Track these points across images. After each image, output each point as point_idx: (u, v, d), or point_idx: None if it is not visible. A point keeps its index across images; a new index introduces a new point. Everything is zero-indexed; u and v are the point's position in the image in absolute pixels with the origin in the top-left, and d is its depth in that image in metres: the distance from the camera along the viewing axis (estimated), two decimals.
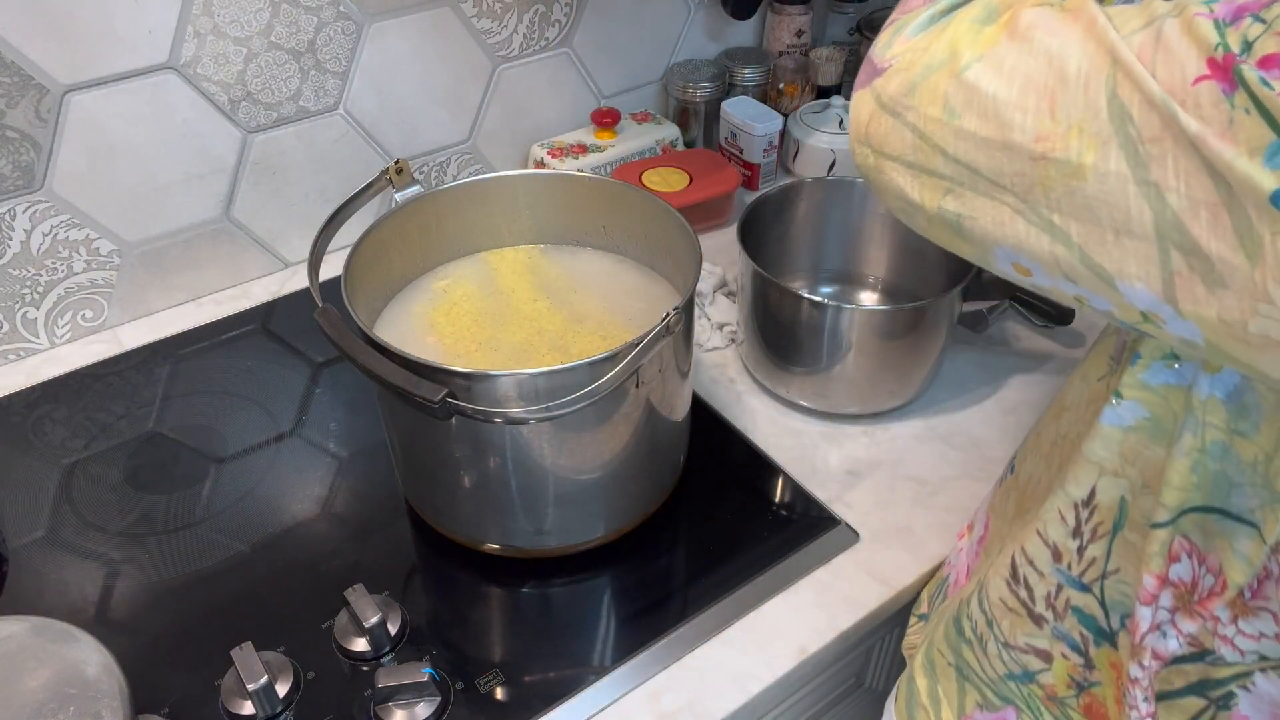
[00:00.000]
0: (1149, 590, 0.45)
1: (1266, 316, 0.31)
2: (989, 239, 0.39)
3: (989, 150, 0.37)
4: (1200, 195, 0.31)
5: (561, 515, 0.70)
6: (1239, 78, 0.30)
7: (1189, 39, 0.31)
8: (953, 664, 0.59)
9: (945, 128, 0.38)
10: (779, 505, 0.78)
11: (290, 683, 0.64)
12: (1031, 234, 0.37)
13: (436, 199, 0.76)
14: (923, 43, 0.39)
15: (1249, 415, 0.40)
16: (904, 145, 0.40)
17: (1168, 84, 0.31)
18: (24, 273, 0.87)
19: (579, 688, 0.65)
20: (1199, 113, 0.31)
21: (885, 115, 0.40)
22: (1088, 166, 0.34)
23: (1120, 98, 0.33)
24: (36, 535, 0.75)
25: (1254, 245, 0.30)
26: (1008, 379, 0.89)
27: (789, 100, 1.19)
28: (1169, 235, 0.32)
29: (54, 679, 0.55)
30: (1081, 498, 0.48)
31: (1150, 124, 0.32)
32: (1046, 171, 0.35)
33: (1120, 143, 0.33)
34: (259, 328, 0.95)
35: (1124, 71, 0.33)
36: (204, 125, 0.89)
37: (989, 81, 0.36)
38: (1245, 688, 0.44)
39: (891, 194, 0.42)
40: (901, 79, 0.40)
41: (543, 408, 0.60)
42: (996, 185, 0.37)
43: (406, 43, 0.96)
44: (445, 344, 0.73)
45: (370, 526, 0.76)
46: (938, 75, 0.38)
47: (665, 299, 0.77)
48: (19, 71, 0.78)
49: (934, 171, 0.39)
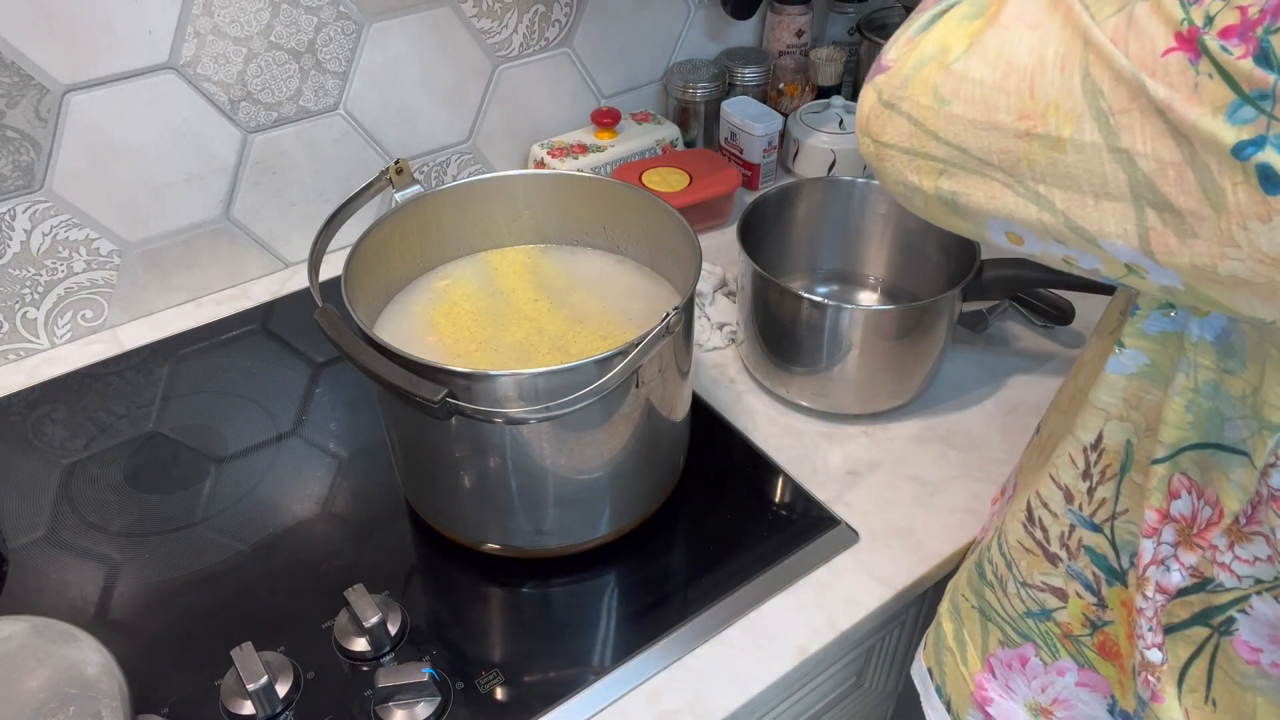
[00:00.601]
0: (1150, 524, 0.48)
1: (1234, 259, 0.35)
2: (983, 213, 0.42)
3: (977, 131, 0.40)
4: (1167, 156, 0.35)
5: (561, 515, 0.70)
6: (1202, 47, 0.33)
7: (1158, 17, 0.35)
8: (976, 606, 0.62)
9: (937, 114, 0.41)
10: (779, 505, 0.78)
11: (290, 683, 0.64)
12: (1020, 204, 0.40)
13: (436, 199, 0.76)
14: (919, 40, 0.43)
15: (1235, 354, 0.44)
16: (900, 134, 0.43)
17: (1139, 58, 0.35)
18: (24, 273, 0.87)
19: (579, 688, 0.65)
20: (1168, 81, 0.34)
21: (883, 108, 0.44)
22: (1066, 139, 0.37)
23: (1092, 76, 0.36)
24: (36, 535, 0.75)
25: (1218, 196, 0.34)
26: (1008, 379, 0.89)
27: (789, 100, 1.19)
28: (1142, 195, 0.36)
29: (54, 679, 0.55)
30: (1090, 442, 0.51)
31: (1119, 97, 0.36)
32: (1030, 147, 0.39)
33: (1093, 116, 0.36)
34: (259, 328, 0.95)
35: (1095, 52, 0.36)
36: (204, 125, 0.89)
37: (975, 69, 0.40)
38: (1244, 611, 0.47)
39: (892, 179, 0.45)
40: (896, 73, 0.43)
41: (543, 408, 0.60)
42: (986, 163, 0.40)
43: (406, 43, 0.96)
44: (445, 344, 0.73)
45: (370, 526, 0.76)
46: (928, 68, 0.42)
47: (665, 299, 0.77)
48: (19, 71, 0.78)
49: (929, 155, 0.43)
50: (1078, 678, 0.57)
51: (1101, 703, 0.57)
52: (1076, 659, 0.57)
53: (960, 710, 0.64)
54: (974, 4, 0.42)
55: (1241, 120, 0.33)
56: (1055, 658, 0.58)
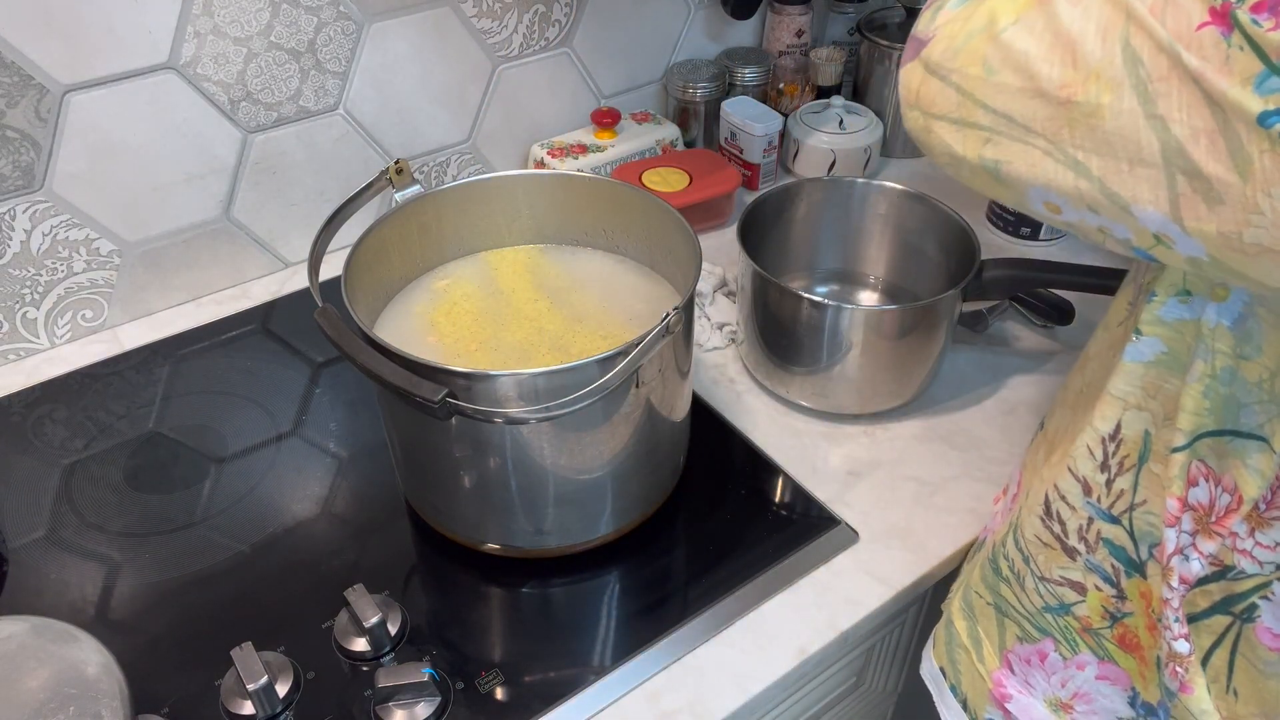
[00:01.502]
0: (1172, 513, 0.49)
1: (1258, 226, 0.36)
2: (1024, 181, 0.43)
3: (1022, 99, 0.42)
4: (1200, 124, 0.36)
5: (561, 515, 0.70)
6: (1234, 21, 0.35)
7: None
8: (991, 603, 0.62)
9: (985, 84, 0.43)
10: (779, 505, 0.78)
11: (290, 683, 0.64)
12: (1059, 171, 0.42)
13: (436, 199, 0.76)
14: (964, 13, 0.44)
15: (1252, 339, 0.45)
16: (949, 104, 0.45)
17: (1175, 31, 0.37)
18: (24, 273, 0.87)
19: (579, 688, 0.65)
20: (1201, 53, 0.36)
21: (933, 79, 0.45)
22: (1105, 106, 0.39)
23: (1133, 45, 0.38)
24: (36, 535, 0.75)
25: (1245, 163, 0.35)
26: (1008, 379, 0.89)
27: (789, 100, 1.19)
28: (1174, 161, 0.37)
29: (54, 679, 0.55)
30: (1108, 432, 0.52)
31: (1159, 65, 0.37)
32: (1071, 114, 0.40)
33: (1132, 84, 0.38)
34: (259, 328, 0.95)
35: (1136, 24, 0.38)
36: (204, 125, 0.89)
37: (1022, 40, 0.41)
38: (1266, 598, 0.47)
39: (939, 150, 0.47)
40: (946, 44, 0.45)
41: (543, 408, 0.60)
42: (1029, 130, 0.42)
43: (406, 43, 0.96)
44: (445, 344, 0.73)
45: (370, 526, 0.76)
46: (978, 39, 0.43)
47: (665, 299, 0.77)
48: (19, 71, 0.78)
49: (976, 124, 0.44)
50: (1098, 671, 0.57)
51: (1122, 696, 0.57)
52: (1096, 652, 0.57)
53: (978, 708, 0.64)
54: None
55: (1269, 90, 0.34)
56: (1075, 652, 0.58)
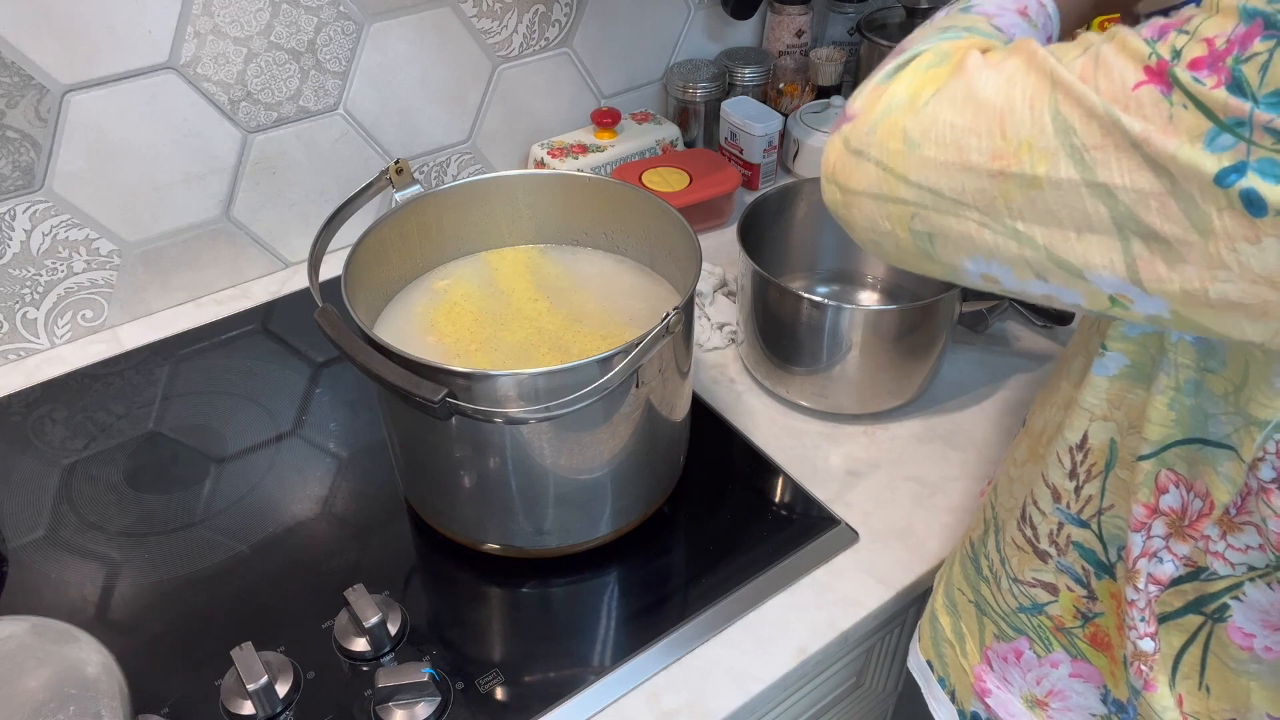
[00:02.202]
0: (1138, 518, 0.49)
1: (1225, 282, 0.35)
2: (959, 253, 0.43)
3: (949, 173, 0.41)
4: (1147, 187, 0.36)
5: (561, 515, 0.70)
6: (1174, 79, 0.35)
7: (1124, 55, 0.36)
8: (973, 601, 0.63)
9: (907, 158, 0.42)
10: (779, 505, 0.78)
11: (290, 683, 0.64)
12: (999, 242, 0.41)
13: (436, 199, 0.76)
14: (883, 89, 0.44)
15: (1215, 353, 0.44)
16: (869, 179, 0.44)
17: (1109, 94, 0.36)
18: (24, 273, 0.87)
19: (579, 688, 0.65)
20: (1141, 113, 0.35)
21: (850, 155, 0.45)
22: (1041, 177, 0.38)
23: (1063, 114, 0.37)
24: (36, 535, 0.75)
25: (1204, 222, 0.35)
26: (1008, 379, 0.89)
27: (789, 100, 1.19)
28: (1126, 226, 0.37)
29: (54, 679, 0.55)
30: (1075, 442, 0.52)
31: (1092, 132, 0.37)
32: (1005, 186, 0.39)
33: (1067, 153, 0.37)
34: (259, 328, 0.95)
35: (1064, 91, 0.37)
36: (204, 125, 0.89)
37: (945, 112, 0.41)
38: (1238, 598, 0.48)
39: (860, 226, 0.46)
40: (863, 120, 0.44)
41: (543, 408, 0.60)
42: (960, 203, 0.41)
43: (406, 43, 0.96)
44: (445, 344, 0.73)
45: (370, 526, 0.76)
46: (897, 113, 0.43)
47: (665, 299, 0.77)
48: (19, 71, 0.78)
49: (899, 199, 0.43)
50: (1071, 669, 0.58)
51: (1095, 693, 0.58)
52: (1069, 650, 0.58)
53: (964, 701, 0.65)
54: (937, 53, 0.44)
55: (1221, 148, 0.33)
56: (1049, 650, 0.58)
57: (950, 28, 0.47)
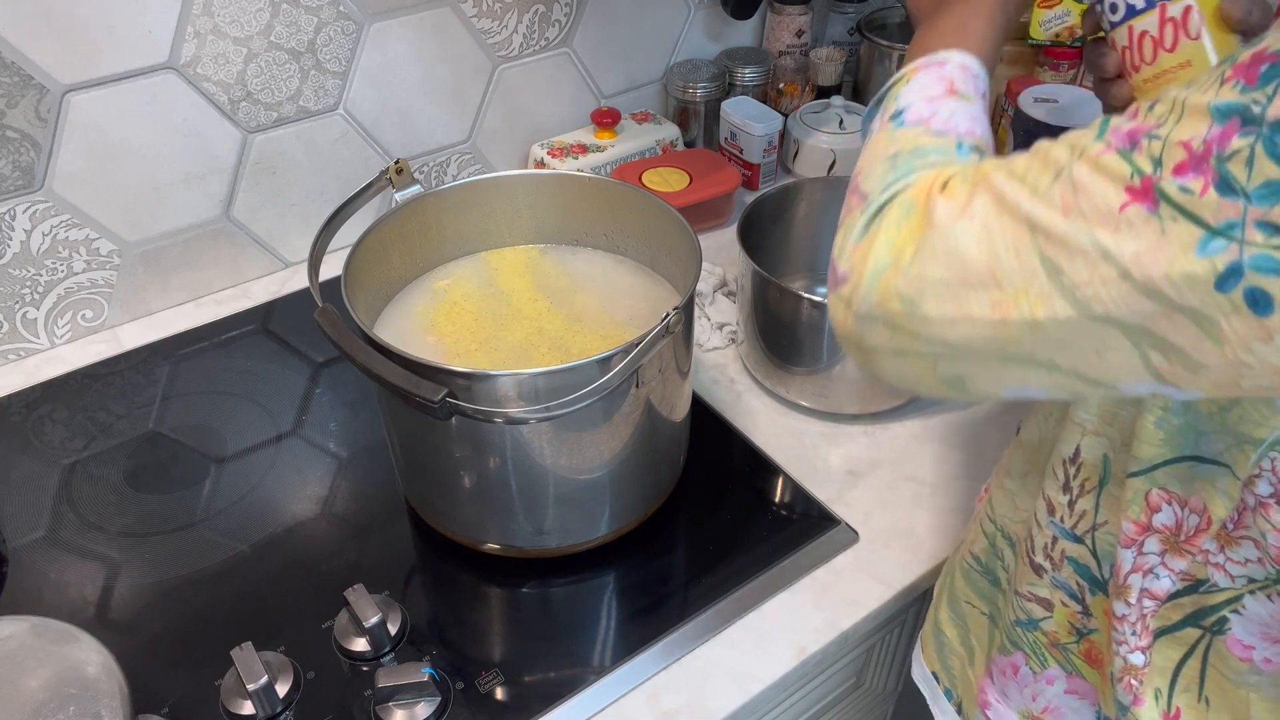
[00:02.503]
0: (1128, 534, 0.49)
1: (1251, 376, 0.35)
2: (993, 385, 0.42)
3: (955, 326, 0.40)
4: (1147, 309, 0.35)
5: (561, 515, 0.70)
6: (1160, 194, 0.34)
7: (1103, 176, 0.35)
8: (986, 613, 0.63)
9: (911, 318, 0.41)
10: (779, 505, 0.78)
11: (290, 683, 0.64)
12: (1026, 373, 0.40)
13: (436, 199, 0.76)
14: (864, 248, 0.43)
15: None
16: (881, 339, 0.43)
17: (1096, 219, 0.35)
18: (24, 273, 0.87)
19: (579, 688, 0.65)
20: (1133, 233, 0.34)
21: (856, 320, 0.44)
22: (1043, 320, 0.37)
23: (1049, 256, 0.37)
24: (36, 535, 0.75)
25: (1213, 329, 0.34)
26: None
27: (789, 100, 1.19)
28: (1142, 342, 0.36)
29: (54, 679, 0.55)
30: (1068, 455, 0.52)
31: (1079, 270, 0.36)
32: (1011, 331, 0.39)
33: (1061, 294, 0.37)
34: (259, 328, 0.95)
35: (1043, 234, 0.37)
36: (204, 125, 0.89)
37: (932, 270, 0.40)
38: (1237, 611, 0.48)
39: (890, 376, 0.46)
40: (857, 284, 0.43)
41: (543, 408, 0.60)
42: (974, 351, 0.41)
43: (406, 43, 0.96)
44: (445, 344, 0.73)
45: (370, 526, 0.76)
46: (886, 275, 0.42)
47: (665, 299, 0.77)
48: (19, 71, 0.78)
49: (917, 353, 0.42)
50: (1066, 685, 0.58)
51: (1090, 710, 0.58)
52: (1064, 666, 0.57)
53: (970, 712, 0.64)
54: (901, 205, 0.43)
55: (1213, 252, 0.33)
56: (1044, 666, 0.58)
57: (895, 156, 0.46)
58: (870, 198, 0.45)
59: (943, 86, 0.48)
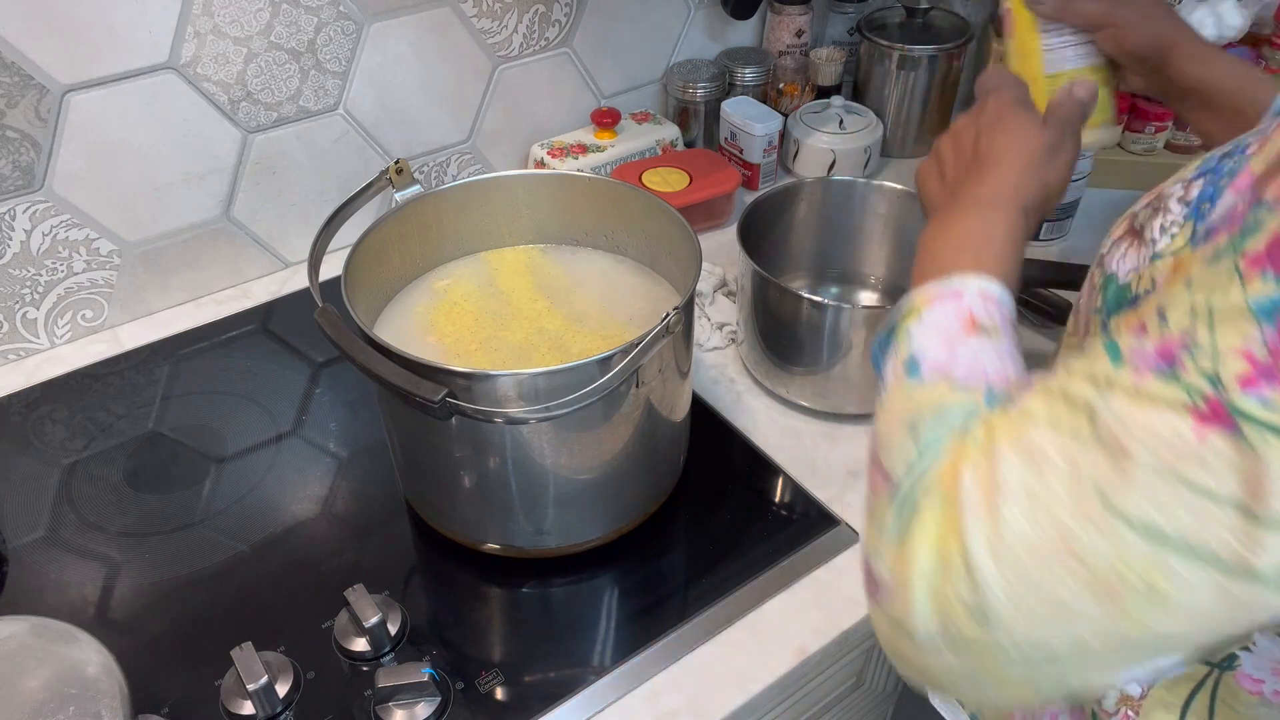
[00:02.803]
0: None
1: None
2: (1114, 673, 0.36)
3: (1052, 625, 0.34)
4: None
5: (561, 515, 0.70)
6: (1237, 413, 0.30)
7: (1153, 407, 0.31)
8: None
9: (993, 633, 0.35)
10: (779, 505, 0.78)
11: (290, 683, 0.64)
12: (1156, 658, 0.35)
13: (436, 199, 0.76)
14: (901, 555, 0.38)
15: None
16: (947, 668, 0.37)
17: (1174, 457, 0.31)
18: (24, 273, 0.87)
19: (579, 688, 0.65)
20: (1227, 464, 0.30)
21: (912, 643, 0.38)
22: (1162, 589, 0.32)
23: (1135, 515, 0.32)
24: (36, 535, 0.75)
25: None
26: None
27: (789, 100, 1.19)
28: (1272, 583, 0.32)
29: (54, 679, 0.55)
30: None
31: (1181, 521, 0.31)
32: (1124, 607, 0.33)
33: (1177, 551, 0.32)
34: (259, 328, 0.95)
35: (1112, 490, 0.32)
36: (204, 125, 0.89)
37: (997, 569, 0.34)
38: (1247, 649, 0.46)
39: (972, 702, 0.42)
40: (903, 597, 0.37)
41: (543, 408, 0.60)
42: (1084, 644, 0.35)
43: (406, 43, 0.96)
44: (445, 344, 0.73)
45: (370, 526, 0.76)
46: (942, 586, 0.36)
47: (665, 299, 0.77)
48: (19, 71, 0.78)
49: (1009, 679, 0.36)
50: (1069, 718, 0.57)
51: None
52: None
53: None
54: (933, 495, 0.38)
55: None
56: None
57: (915, 425, 0.40)
58: (895, 481, 0.40)
59: (961, 322, 0.43)
